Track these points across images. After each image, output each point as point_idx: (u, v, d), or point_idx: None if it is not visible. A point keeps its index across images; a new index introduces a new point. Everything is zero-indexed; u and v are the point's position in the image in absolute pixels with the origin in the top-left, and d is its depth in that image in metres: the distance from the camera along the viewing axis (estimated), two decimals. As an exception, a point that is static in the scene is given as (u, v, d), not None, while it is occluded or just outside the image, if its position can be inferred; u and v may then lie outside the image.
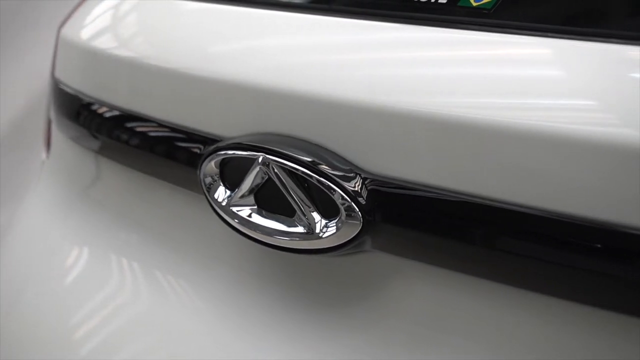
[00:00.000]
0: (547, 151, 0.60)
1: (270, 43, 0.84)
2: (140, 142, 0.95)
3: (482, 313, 0.70)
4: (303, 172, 0.73)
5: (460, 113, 0.65)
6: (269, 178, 0.76)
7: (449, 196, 0.66)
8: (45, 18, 2.35)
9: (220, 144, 0.81)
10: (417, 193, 0.68)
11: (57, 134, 1.21)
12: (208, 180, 0.83)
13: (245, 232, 0.80)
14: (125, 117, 0.96)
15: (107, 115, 1.00)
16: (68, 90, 1.09)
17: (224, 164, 0.81)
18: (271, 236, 0.78)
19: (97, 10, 1.12)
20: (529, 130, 0.61)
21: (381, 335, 0.76)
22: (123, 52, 1.00)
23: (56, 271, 1.11)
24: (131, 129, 0.96)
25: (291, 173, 0.74)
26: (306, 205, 0.75)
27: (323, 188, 0.72)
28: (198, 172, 0.83)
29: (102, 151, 1.07)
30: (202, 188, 0.83)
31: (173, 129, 0.89)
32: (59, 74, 1.14)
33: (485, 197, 0.64)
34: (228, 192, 0.81)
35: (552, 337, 0.67)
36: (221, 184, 0.82)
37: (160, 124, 0.91)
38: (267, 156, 0.75)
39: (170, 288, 0.96)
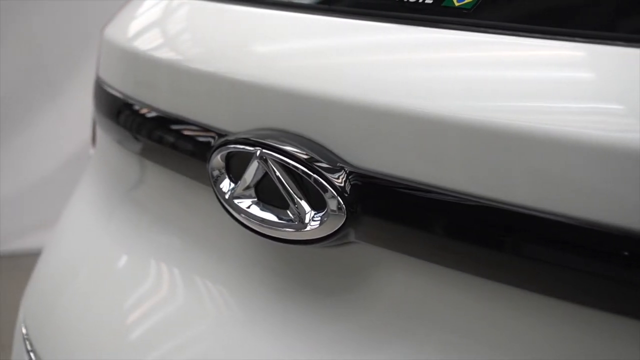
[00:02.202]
0: (522, 149, 0.61)
1: (270, 43, 0.87)
2: (180, 143, 0.98)
3: (463, 304, 0.71)
4: (294, 165, 0.76)
5: (437, 111, 0.66)
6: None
7: (427, 190, 0.68)
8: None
9: (227, 138, 0.84)
10: (396, 187, 0.70)
11: (100, 133, 1.26)
12: (215, 173, 0.86)
13: (244, 222, 0.83)
14: (164, 119, 0.99)
15: (147, 116, 1.03)
16: (110, 90, 1.14)
17: (230, 158, 0.85)
18: (266, 227, 0.81)
19: (139, 11, 1.16)
20: (505, 129, 0.62)
21: (364, 323, 0.78)
22: (160, 53, 1.04)
23: (97, 270, 1.15)
24: (170, 131, 0.99)
25: (284, 166, 0.77)
26: (297, 197, 0.77)
27: (311, 181, 0.75)
28: (207, 165, 0.86)
29: (142, 152, 1.10)
30: (210, 180, 0.86)
31: (202, 127, 0.92)
32: (102, 74, 1.20)
33: (459, 191, 0.66)
34: (232, 185, 0.85)
35: (536, 331, 0.67)
36: (226, 177, 0.85)
37: (196, 125, 0.93)
38: (264, 150, 0.78)
39: (207, 290, 0.98)
